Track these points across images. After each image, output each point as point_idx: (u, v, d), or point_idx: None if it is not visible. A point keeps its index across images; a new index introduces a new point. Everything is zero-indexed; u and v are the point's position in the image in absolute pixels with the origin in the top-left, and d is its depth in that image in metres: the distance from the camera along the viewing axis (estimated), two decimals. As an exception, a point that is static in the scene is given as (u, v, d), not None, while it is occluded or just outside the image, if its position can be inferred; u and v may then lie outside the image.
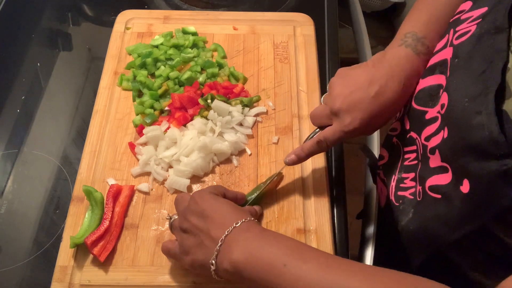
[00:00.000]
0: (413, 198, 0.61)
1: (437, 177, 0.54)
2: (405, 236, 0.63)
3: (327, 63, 0.92)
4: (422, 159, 0.59)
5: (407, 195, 0.63)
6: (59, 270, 0.66)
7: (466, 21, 0.54)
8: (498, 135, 0.42)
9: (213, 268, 0.54)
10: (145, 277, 0.66)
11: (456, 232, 0.52)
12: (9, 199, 0.76)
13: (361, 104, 0.60)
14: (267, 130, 0.80)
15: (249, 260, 0.51)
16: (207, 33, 0.93)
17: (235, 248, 0.53)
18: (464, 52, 0.51)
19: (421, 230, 0.58)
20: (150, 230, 0.70)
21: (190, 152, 0.75)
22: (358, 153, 0.80)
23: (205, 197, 0.59)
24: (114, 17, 0.95)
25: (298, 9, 0.98)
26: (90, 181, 0.74)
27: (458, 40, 0.53)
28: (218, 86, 0.84)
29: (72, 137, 0.83)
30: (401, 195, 0.64)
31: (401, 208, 0.63)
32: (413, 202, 0.61)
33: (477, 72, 0.47)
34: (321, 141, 0.64)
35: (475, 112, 0.45)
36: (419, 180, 0.60)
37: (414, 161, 0.62)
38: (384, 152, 0.71)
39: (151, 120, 0.79)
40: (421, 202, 0.58)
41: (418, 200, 0.59)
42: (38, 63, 0.94)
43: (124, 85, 0.85)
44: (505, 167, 0.43)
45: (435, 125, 0.56)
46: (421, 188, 0.58)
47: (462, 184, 0.48)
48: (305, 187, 0.74)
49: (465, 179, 0.48)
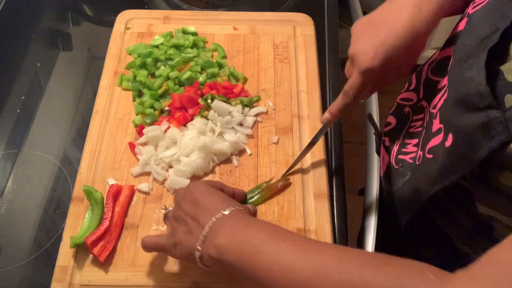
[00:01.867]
0: (412, 162, 0.62)
1: (435, 139, 0.55)
2: (397, 196, 0.64)
3: (327, 63, 0.92)
4: (427, 125, 0.60)
5: (407, 159, 0.64)
6: (59, 270, 0.66)
7: None
8: (483, 87, 0.43)
9: (198, 255, 0.54)
10: (145, 277, 0.66)
11: (435, 186, 0.52)
12: (9, 199, 0.76)
13: (373, 41, 0.59)
14: (267, 130, 0.80)
15: (232, 244, 0.51)
16: (207, 33, 0.93)
17: (220, 233, 0.53)
18: (476, 19, 0.51)
19: (410, 190, 0.60)
20: (150, 230, 0.70)
21: (190, 152, 0.75)
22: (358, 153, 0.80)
23: (200, 187, 0.60)
24: (114, 17, 0.95)
25: (298, 9, 0.98)
26: (90, 181, 0.74)
27: (474, 9, 0.53)
28: (218, 86, 0.84)
29: (72, 137, 0.83)
30: (401, 159, 0.65)
31: (400, 171, 0.64)
32: (412, 165, 0.62)
33: (481, 37, 0.47)
34: (347, 90, 0.63)
35: (468, 67, 0.46)
36: (421, 145, 0.60)
37: (419, 128, 0.63)
38: (391, 120, 0.72)
39: (151, 120, 0.79)
40: (419, 165, 0.59)
41: (417, 163, 0.60)
42: (38, 63, 0.94)
43: (124, 85, 0.85)
44: (486, 118, 0.43)
45: (443, 92, 0.56)
46: (422, 153, 0.59)
47: (447, 139, 0.49)
48: (305, 187, 0.74)
49: (450, 133, 0.49)
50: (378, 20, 0.60)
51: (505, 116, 0.42)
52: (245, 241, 0.51)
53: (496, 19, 0.47)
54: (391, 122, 0.72)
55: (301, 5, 1.02)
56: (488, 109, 0.43)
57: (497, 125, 0.43)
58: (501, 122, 0.42)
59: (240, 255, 0.50)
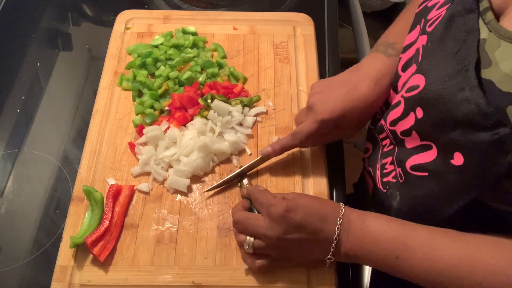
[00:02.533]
0: (395, 181, 0.63)
1: (419, 156, 0.56)
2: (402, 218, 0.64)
3: (327, 63, 0.92)
4: (396, 142, 0.62)
5: (390, 180, 0.65)
6: (59, 270, 0.66)
7: (434, 8, 0.57)
8: (486, 106, 0.45)
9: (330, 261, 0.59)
10: (145, 277, 0.66)
11: (454, 204, 0.53)
12: (9, 199, 0.76)
13: (334, 98, 0.66)
14: (267, 130, 0.80)
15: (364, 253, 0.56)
16: (207, 33, 0.93)
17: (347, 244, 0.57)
18: (437, 35, 0.53)
19: (412, 209, 0.60)
20: (150, 230, 0.70)
21: (190, 152, 0.75)
22: (358, 153, 0.80)
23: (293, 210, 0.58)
24: (114, 17, 0.95)
25: (298, 9, 0.98)
26: (90, 181, 0.74)
27: (431, 27, 0.56)
28: (218, 86, 0.84)
29: (72, 137, 0.83)
30: (386, 181, 0.66)
31: (389, 194, 0.65)
32: (397, 184, 0.63)
33: (452, 52, 0.50)
34: (296, 133, 0.69)
35: (458, 89, 0.48)
36: (396, 162, 0.62)
37: (390, 146, 0.65)
38: (368, 145, 0.74)
39: (151, 120, 0.79)
40: (404, 183, 0.60)
41: (400, 181, 0.61)
42: (38, 63, 0.94)
43: (124, 85, 0.85)
44: (497, 135, 0.44)
45: (398, 109, 0.59)
46: (401, 170, 0.60)
47: (452, 157, 0.50)
48: (305, 187, 0.74)
49: (456, 152, 0.49)
50: (340, 83, 0.68)
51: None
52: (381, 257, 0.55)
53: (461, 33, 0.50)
54: (368, 148, 0.74)
55: (301, 5, 1.02)
56: (496, 127, 0.44)
57: (509, 141, 0.44)
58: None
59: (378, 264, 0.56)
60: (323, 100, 0.67)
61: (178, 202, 0.73)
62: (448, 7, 0.53)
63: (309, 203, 0.59)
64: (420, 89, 0.54)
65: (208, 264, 0.67)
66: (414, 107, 0.55)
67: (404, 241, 0.54)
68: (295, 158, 0.76)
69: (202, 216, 0.71)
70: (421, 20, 0.60)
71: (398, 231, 0.56)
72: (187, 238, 0.69)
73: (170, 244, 0.69)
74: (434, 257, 0.52)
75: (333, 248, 0.57)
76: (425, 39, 0.57)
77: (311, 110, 0.68)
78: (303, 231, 0.57)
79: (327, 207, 0.59)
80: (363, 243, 0.56)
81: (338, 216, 0.57)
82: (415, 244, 0.54)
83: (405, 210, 0.61)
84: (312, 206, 0.59)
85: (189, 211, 0.72)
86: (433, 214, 0.57)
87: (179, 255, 0.68)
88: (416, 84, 0.54)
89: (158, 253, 0.68)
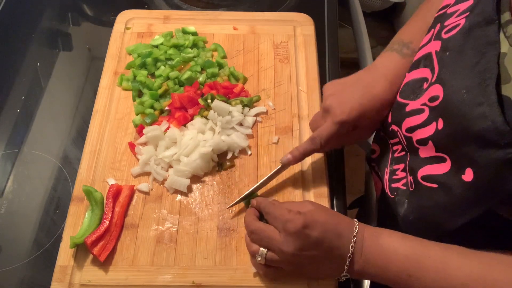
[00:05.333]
0: (405, 188, 0.62)
1: (431, 167, 0.56)
2: (404, 226, 0.64)
3: (327, 63, 0.92)
4: (410, 150, 0.61)
5: (400, 186, 0.64)
6: (59, 270, 0.66)
7: (453, 15, 0.56)
8: (502, 124, 0.44)
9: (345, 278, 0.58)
10: (145, 277, 0.66)
11: (461, 218, 0.53)
12: (9, 199, 0.76)
13: (350, 98, 0.65)
14: (267, 130, 0.80)
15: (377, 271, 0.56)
16: (207, 33, 0.93)
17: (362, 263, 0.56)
18: (456, 45, 0.52)
19: (419, 219, 0.60)
20: (150, 230, 0.70)
21: (190, 152, 0.75)
22: (358, 153, 0.80)
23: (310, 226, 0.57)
24: (114, 17, 0.95)
25: (298, 9, 0.98)
26: (90, 181, 0.74)
27: (448, 34, 0.55)
28: (218, 86, 0.84)
29: (72, 137, 0.83)
30: (395, 187, 0.65)
31: (397, 200, 0.64)
32: (406, 192, 0.62)
33: (470, 64, 0.49)
34: (315, 137, 0.67)
35: (476, 103, 0.47)
36: (409, 170, 0.61)
37: (402, 152, 0.64)
38: (375, 146, 0.73)
39: (151, 120, 0.79)
40: (414, 192, 0.60)
41: (410, 190, 0.61)
42: (38, 63, 0.94)
43: (124, 85, 0.85)
44: (510, 155, 0.44)
45: (420, 117, 0.57)
46: (412, 178, 0.60)
47: (464, 173, 0.49)
48: (305, 187, 0.74)
49: (468, 168, 0.49)
50: (355, 83, 0.67)
51: None
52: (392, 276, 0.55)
53: (481, 45, 0.49)
54: (375, 150, 0.73)
55: (301, 5, 1.02)
56: (510, 147, 0.44)
57: None
58: None
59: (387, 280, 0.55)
60: (339, 101, 0.65)
61: (178, 202, 0.73)
62: (467, 16, 0.52)
63: (326, 219, 0.58)
64: (440, 100, 0.53)
65: (208, 264, 0.67)
66: (437, 118, 0.54)
67: (417, 259, 0.53)
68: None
69: (202, 216, 0.71)
70: (436, 25, 0.58)
71: (412, 249, 0.54)
72: (187, 238, 0.69)
73: (170, 244, 0.69)
74: (447, 277, 0.51)
75: (347, 266, 0.56)
76: (438, 45, 0.56)
77: (329, 112, 0.66)
78: (318, 248, 0.56)
79: (342, 224, 0.58)
80: (377, 260, 0.55)
81: (353, 233, 0.56)
82: (428, 262, 0.53)
83: (412, 218, 0.61)
84: (329, 222, 0.57)
85: (189, 211, 0.72)
86: (439, 226, 0.56)
87: (179, 255, 0.68)
88: (437, 95, 0.54)
89: (158, 253, 0.68)
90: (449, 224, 0.55)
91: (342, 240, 0.56)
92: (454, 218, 0.54)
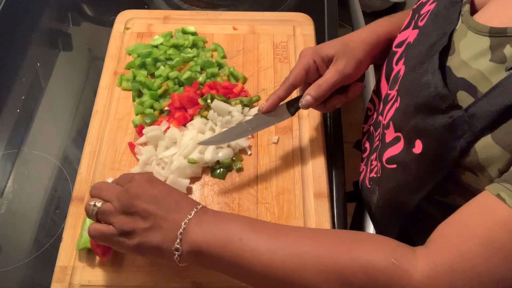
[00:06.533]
0: (376, 175, 0.64)
1: (391, 149, 0.57)
2: (378, 214, 0.65)
3: (327, 63, 0.92)
4: (381, 138, 0.63)
5: (374, 175, 0.65)
6: (59, 270, 0.66)
7: (427, 3, 0.58)
8: (442, 88, 0.47)
9: (178, 254, 0.53)
10: (145, 277, 0.66)
11: (417, 195, 0.54)
12: (9, 199, 0.76)
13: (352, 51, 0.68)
14: (267, 130, 0.80)
15: (209, 239, 0.52)
16: (207, 33, 0.93)
17: (196, 230, 0.53)
18: (425, 29, 0.56)
19: (387, 204, 0.61)
20: (150, 230, 0.70)
21: (190, 152, 0.75)
22: (358, 153, 0.80)
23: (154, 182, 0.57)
24: (114, 17, 0.95)
25: (298, 9, 0.98)
26: (90, 181, 0.74)
27: (422, 21, 0.57)
28: (218, 86, 0.84)
29: (72, 137, 0.83)
30: (371, 177, 0.66)
31: (371, 189, 0.65)
32: (376, 179, 0.63)
33: (430, 43, 0.52)
34: (321, 84, 0.67)
35: (423, 73, 0.50)
36: (378, 157, 0.63)
37: (377, 142, 0.65)
38: (366, 144, 0.74)
39: (151, 120, 0.79)
40: (381, 178, 0.61)
41: (378, 176, 0.62)
42: (38, 63, 0.94)
43: (124, 85, 0.85)
44: (451, 119, 0.46)
45: (391, 103, 0.59)
46: (380, 164, 0.61)
47: (414, 146, 0.51)
48: (305, 186, 0.74)
49: (417, 140, 0.51)
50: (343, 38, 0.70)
51: (467, 114, 0.45)
52: (224, 237, 0.52)
53: (443, 24, 0.52)
54: (366, 148, 0.74)
55: (301, 5, 1.02)
56: (451, 110, 0.46)
57: (462, 124, 0.45)
58: (465, 121, 0.45)
59: (221, 252, 0.52)
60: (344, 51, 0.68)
61: (178, 202, 0.73)
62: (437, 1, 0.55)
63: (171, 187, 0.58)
64: (400, 79, 0.56)
65: (208, 264, 0.67)
66: (397, 97, 0.56)
67: (251, 223, 0.54)
68: (295, 157, 0.76)
69: (202, 216, 0.71)
70: (415, 16, 0.61)
71: (248, 219, 0.55)
72: (187, 238, 0.69)
73: (170, 244, 0.68)
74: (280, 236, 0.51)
75: (180, 234, 0.53)
76: (416, 33, 0.58)
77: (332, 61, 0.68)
78: (156, 204, 0.54)
79: (188, 200, 0.57)
80: (212, 229, 0.53)
81: (194, 207, 0.55)
82: (261, 228, 0.53)
83: (381, 204, 0.62)
84: (174, 190, 0.57)
85: (189, 211, 0.72)
86: (403, 206, 0.57)
87: (179, 255, 0.68)
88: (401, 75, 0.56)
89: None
90: (410, 203, 0.56)
91: (181, 209, 0.55)
92: (412, 195, 0.55)
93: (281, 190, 0.74)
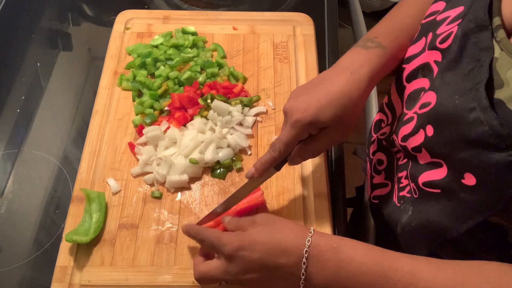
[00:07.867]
0: (410, 196, 0.62)
1: (430, 173, 0.55)
2: (406, 233, 0.63)
3: (327, 63, 0.92)
4: (410, 157, 0.61)
5: (405, 194, 0.63)
6: (59, 270, 0.66)
7: (444, 22, 0.55)
8: (500, 128, 0.44)
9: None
10: (145, 277, 0.66)
11: (465, 223, 0.52)
12: (9, 199, 0.76)
13: (310, 97, 0.61)
14: (267, 130, 0.80)
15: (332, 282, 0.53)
16: (207, 33, 0.93)
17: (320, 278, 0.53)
18: (451, 53, 0.52)
19: (423, 225, 0.59)
20: (150, 230, 0.70)
21: (190, 152, 0.75)
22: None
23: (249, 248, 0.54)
24: (114, 17, 0.95)
25: (298, 9, 0.98)
26: (90, 181, 0.74)
27: (444, 44, 0.54)
28: (218, 86, 0.84)
29: (72, 137, 0.83)
30: (402, 195, 0.64)
31: (402, 208, 0.63)
32: (411, 199, 0.62)
33: (465, 71, 0.49)
34: (274, 143, 0.63)
35: (468, 109, 0.47)
36: (410, 177, 0.61)
37: (405, 160, 0.63)
38: (382, 156, 0.72)
39: (151, 120, 0.79)
40: (418, 199, 0.59)
41: (415, 197, 0.60)
42: (38, 63, 0.94)
43: (123, 85, 0.85)
44: (511, 157, 0.44)
45: (410, 125, 0.57)
46: (414, 185, 0.59)
47: (463, 177, 0.49)
48: (305, 187, 0.74)
49: (467, 172, 0.49)
50: (317, 84, 0.62)
51: None
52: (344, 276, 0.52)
53: (475, 51, 0.48)
54: (383, 160, 0.71)
55: (301, 5, 1.02)
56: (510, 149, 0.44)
57: None
58: None
59: None
60: (296, 102, 0.61)
61: (178, 202, 0.73)
62: (460, 23, 0.52)
63: (266, 239, 0.54)
64: (431, 106, 0.53)
65: (208, 264, 0.67)
66: (424, 125, 0.54)
67: (385, 273, 0.51)
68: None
69: (202, 216, 0.71)
70: (428, 33, 0.58)
71: (379, 261, 0.52)
72: (187, 238, 0.69)
73: (170, 244, 0.69)
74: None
75: (302, 283, 0.53)
76: (438, 56, 0.55)
77: (286, 115, 0.63)
78: (263, 270, 0.54)
79: (288, 240, 0.54)
80: (339, 276, 0.52)
81: (303, 249, 0.53)
82: (396, 277, 0.50)
83: (414, 224, 0.60)
84: (270, 241, 0.54)
85: (189, 211, 0.72)
86: (443, 232, 0.55)
87: (179, 255, 0.68)
88: (428, 101, 0.53)
89: (158, 253, 0.68)
90: (454, 230, 0.54)
91: (289, 257, 0.53)
92: (459, 222, 0.53)
93: (281, 190, 0.74)
